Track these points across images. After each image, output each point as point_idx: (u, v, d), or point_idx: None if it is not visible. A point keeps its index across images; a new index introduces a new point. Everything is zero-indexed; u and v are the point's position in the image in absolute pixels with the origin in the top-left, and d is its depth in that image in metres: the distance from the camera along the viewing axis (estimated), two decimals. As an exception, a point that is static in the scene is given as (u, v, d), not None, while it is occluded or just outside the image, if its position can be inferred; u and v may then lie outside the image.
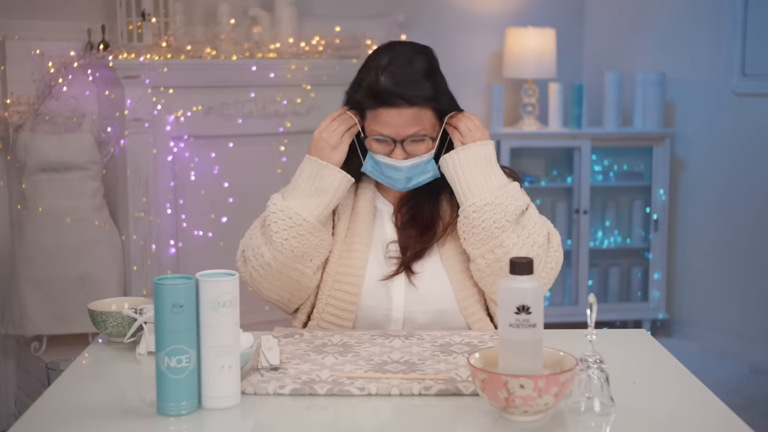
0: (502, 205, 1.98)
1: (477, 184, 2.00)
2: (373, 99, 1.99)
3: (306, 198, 2.02)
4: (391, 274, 2.06)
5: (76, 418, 1.55)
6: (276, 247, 2.00)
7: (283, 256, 2.00)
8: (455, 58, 4.70)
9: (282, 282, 2.05)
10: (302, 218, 1.99)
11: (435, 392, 1.64)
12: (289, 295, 2.08)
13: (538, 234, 2.01)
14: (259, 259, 2.03)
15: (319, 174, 2.03)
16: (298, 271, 2.03)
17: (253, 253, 2.04)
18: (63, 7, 3.86)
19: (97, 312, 1.94)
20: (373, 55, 2.06)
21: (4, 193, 3.84)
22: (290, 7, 4.09)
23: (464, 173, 2.01)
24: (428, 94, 2.00)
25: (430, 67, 2.04)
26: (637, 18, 4.94)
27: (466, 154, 2.02)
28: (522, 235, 1.99)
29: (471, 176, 2.01)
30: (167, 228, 3.85)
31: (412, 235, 2.09)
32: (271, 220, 2.01)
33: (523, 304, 1.52)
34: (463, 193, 2.01)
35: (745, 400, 3.92)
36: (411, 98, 1.98)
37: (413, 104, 1.98)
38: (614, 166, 4.87)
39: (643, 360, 1.89)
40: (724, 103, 4.58)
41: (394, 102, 1.97)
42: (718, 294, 4.67)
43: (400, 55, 2.02)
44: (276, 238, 2.00)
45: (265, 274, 2.04)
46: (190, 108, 3.84)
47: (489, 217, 1.98)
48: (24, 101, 3.74)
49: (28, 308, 3.66)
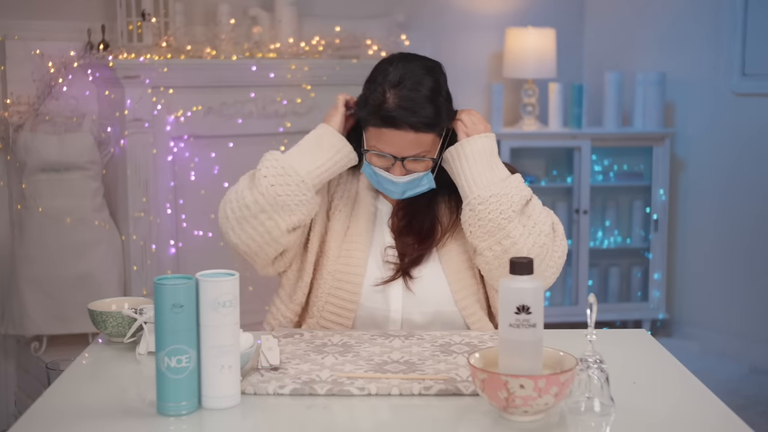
0: (508, 195, 1.99)
1: (482, 176, 2.01)
2: (377, 119, 2.00)
3: (302, 154, 2.04)
4: (388, 280, 2.07)
5: (76, 418, 1.55)
6: (260, 190, 1.99)
7: (264, 200, 1.99)
8: (455, 58, 4.70)
9: (254, 229, 2.01)
10: (294, 170, 2.00)
11: (435, 392, 1.64)
12: (257, 247, 2.03)
13: (544, 223, 2.01)
14: (240, 201, 2.01)
15: (323, 136, 2.06)
16: (273, 221, 2.00)
17: (236, 195, 2.03)
18: (63, 7, 3.86)
19: (97, 312, 1.94)
20: (383, 67, 2.04)
21: (4, 193, 3.84)
22: (290, 7, 4.09)
23: (469, 166, 2.02)
24: (432, 120, 1.99)
25: (437, 89, 2.02)
26: (637, 18, 4.94)
27: (471, 146, 2.02)
28: (528, 225, 1.99)
29: (476, 168, 2.01)
30: (167, 228, 3.85)
31: (410, 243, 2.09)
32: (262, 165, 2.03)
33: (523, 304, 1.52)
34: (468, 186, 2.01)
35: (745, 400, 3.92)
36: (415, 125, 1.98)
37: (418, 130, 1.99)
38: (614, 166, 4.87)
39: (643, 360, 1.89)
40: (724, 103, 4.58)
41: (399, 125, 1.98)
42: (718, 294, 4.67)
43: (408, 76, 2.00)
44: (263, 182, 2.00)
45: (240, 216, 2.01)
46: (190, 108, 3.84)
47: (495, 208, 1.98)
48: (24, 101, 3.74)
49: (28, 308, 3.66)
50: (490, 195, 1.98)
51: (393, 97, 1.98)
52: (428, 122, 1.99)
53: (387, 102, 1.98)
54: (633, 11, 4.96)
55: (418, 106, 1.98)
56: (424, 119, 1.98)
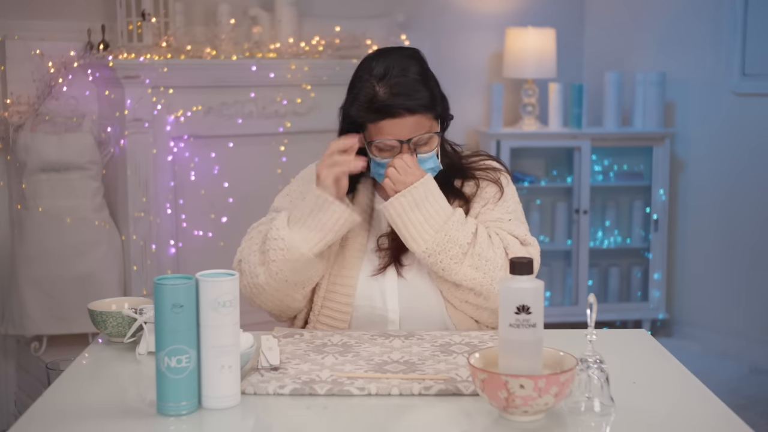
0: (452, 239, 1.97)
1: (422, 229, 1.98)
2: (374, 113, 1.99)
3: (308, 231, 1.99)
4: (381, 267, 2.07)
5: (76, 418, 1.55)
6: (271, 275, 2.00)
7: (276, 283, 2.01)
8: (455, 58, 4.70)
9: (273, 302, 2.06)
10: (300, 252, 1.98)
11: (435, 392, 1.64)
12: (279, 312, 2.11)
13: (496, 256, 1.99)
14: (254, 279, 2.03)
15: (323, 208, 1.99)
16: (290, 296, 2.05)
17: (249, 271, 2.04)
18: (63, 7, 3.86)
19: (97, 312, 1.94)
20: (365, 65, 2.05)
21: (4, 193, 3.84)
22: (290, 7, 4.09)
23: (404, 224, 1.99)
24: (427, 101, 2.01)
25: (423, 72, 2.04)
26: (637, 18, 4.94)
27: (401, 203, 1.99)
28: (479, 265, 1.98)
29: (412, 224, 1.99)
30: (167, 228, 3.85)
31: None
32: (270, 246, 1.99)
33: (523, 304, 1.52)
34: (412, 244, 1.99)
35: (745, 400, 3.92)
36: (413, 108, 1.98)
37: (415, 113, 1.99)
38: (614, 166, 4.87)
39: (643, 360, 1.89)
40: (724, 103, 4.58)
41: (396, 113, 1.98)
42: (718, 294, 4.67)
43: (393, 64, 2.01)
44: (272, 267, 1.99)
45: (257, 293, 2.05)
46: (190, 108, 3.84)
47: (444, 256, 1.97)
48: (24, 101, 3.74)
49: (28, 308, 3.66)
50: (435, 244, 1.97)
51: (383, 87, 1.99)
52: (423, 103, 1.99)
53: (378, 94, 1.99)
54: (633, 11, 4.96)
55: (410, 90, 1.99)
56: (419, 100, 1.99)
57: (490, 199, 2.12)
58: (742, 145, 4.52)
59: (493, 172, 2.15)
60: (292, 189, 2.19)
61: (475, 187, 2.13)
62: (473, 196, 2.13)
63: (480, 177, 2.14)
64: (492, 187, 2.13)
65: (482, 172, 2.15)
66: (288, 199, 2.16)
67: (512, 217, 2.10)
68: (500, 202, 2.11)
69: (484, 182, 2.14)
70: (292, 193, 2.17)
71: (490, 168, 2.16)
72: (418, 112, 1.99)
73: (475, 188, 2.13)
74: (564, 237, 4.77)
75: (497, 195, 2.12)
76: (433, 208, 2.00)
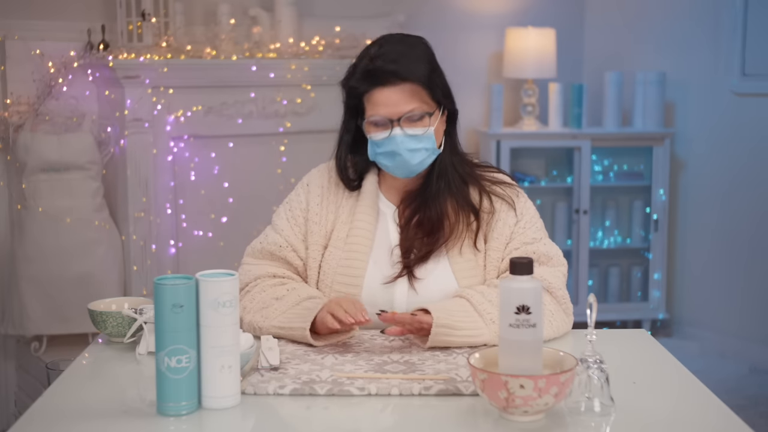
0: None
1: (475, 332, 1.90)
2: (367, 80, 1.98)
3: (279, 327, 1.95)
4: (394, 277, 2.02)
5: (76, 418, 1.55)
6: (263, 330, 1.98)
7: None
8: (455, 58, 4.70)
9: None
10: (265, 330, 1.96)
11: (435, 392, 1.64)
12: None
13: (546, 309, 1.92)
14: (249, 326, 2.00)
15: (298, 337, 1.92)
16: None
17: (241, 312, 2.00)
18: (63, 7, 3.86)
19: (97, 312, 1.94)
20: (368, 45, 2.06)
21: (4, 193, 3.84)
22: (290, 7, 4.10)
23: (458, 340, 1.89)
24: (421, 74, 1.98)
25: (422, 47, 2.04)
26: (637, 18, 4.94)
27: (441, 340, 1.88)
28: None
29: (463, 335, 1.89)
30: (167, 228, 3.85)
31: (418, 236, 2.03)
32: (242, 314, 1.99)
33: (523, 304, 1.52)
34: (479, 339, 1.91)
35: (745, 400, 3.92)
36: (404, 73, 1.96)
37: (406, 79, 1.96)
38: (614, 166, 4.87)
39: (643, 360, 1.89)
40: (724, 103, 4.58)
41: (388, 80, 1.96)
42: (718, 294, 4.67)
43: (391, 38, 2.04)
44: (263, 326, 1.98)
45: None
46: (190, 108, 3.84)
47: None
48: (24, 101, 3.74)
49: (28, 308, 3.66)
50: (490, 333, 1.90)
51: (379, 55, 1.98)
52: (417, 74, 1.97)
53: (373, 62, 1.98)
54: (633, 11, 4.96)
55: (400, 56, 1.97)
56: (413, 71, 1.96)
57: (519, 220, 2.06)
58: (742, 145, 4.52)
59: (510, 188, 2.10)
60: (291, 198, 2.16)
61: (488, 202, 2.07)
62: (486, 212, 2.07)
63: (492, 192, 2.08)
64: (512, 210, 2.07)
65: (496, 187, 2.09)
66: (288, 207, 2.13)
67: (542, 235, 2.07)
68: (530, 221, 2.07)
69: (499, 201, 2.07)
70: (293, 201, 2.15)
71: (505, 183, 2.11)
72: (409, 80, 1.96)
73: (489, 204, 2.07)
74: (564, 237, 4.77)
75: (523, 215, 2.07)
76: (465, 326, 1.90)
